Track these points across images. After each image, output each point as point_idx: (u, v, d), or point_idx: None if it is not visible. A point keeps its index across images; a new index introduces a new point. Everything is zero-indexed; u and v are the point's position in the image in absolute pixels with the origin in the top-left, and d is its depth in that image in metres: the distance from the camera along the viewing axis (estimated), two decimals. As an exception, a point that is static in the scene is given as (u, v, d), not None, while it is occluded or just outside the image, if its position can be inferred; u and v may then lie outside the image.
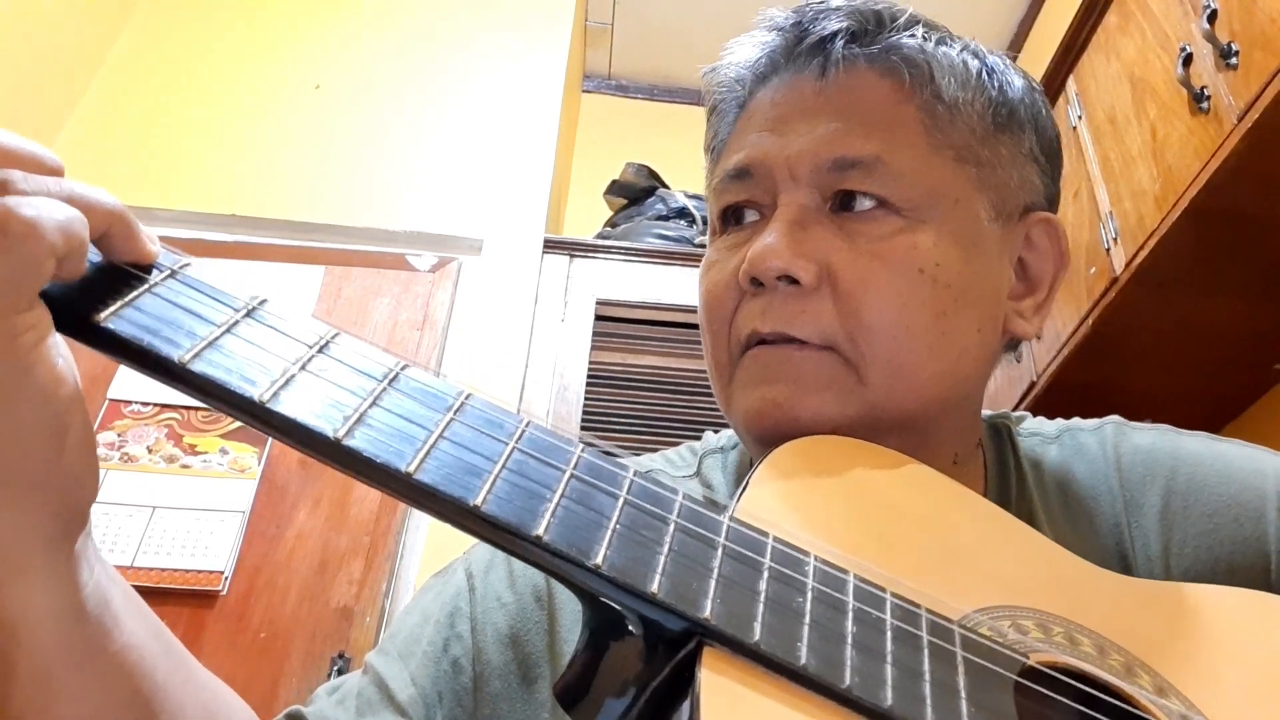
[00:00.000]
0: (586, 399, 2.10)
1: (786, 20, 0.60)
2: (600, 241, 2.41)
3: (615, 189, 2.62)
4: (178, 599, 1.75)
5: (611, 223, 2.59)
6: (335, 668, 1.73)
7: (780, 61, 0.60)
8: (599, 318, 2.22)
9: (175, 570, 1.77)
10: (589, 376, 2.13)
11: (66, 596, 0.39)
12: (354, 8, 2.65)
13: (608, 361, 2.17)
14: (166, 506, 1.84)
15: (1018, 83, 0.61)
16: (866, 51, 0.57)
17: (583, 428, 2.06)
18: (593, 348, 2.18)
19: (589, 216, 2.76)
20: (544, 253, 2.31)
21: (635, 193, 2.57)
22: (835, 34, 0.58)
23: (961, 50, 0.59)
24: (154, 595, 1.75)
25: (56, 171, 0.37)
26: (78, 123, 2.36)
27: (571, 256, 2.32)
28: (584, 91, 3.40)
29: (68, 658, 0.40)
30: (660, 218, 2.49)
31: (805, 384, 0.53)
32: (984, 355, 0.58)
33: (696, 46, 3.42)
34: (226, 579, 1.78)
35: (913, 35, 0.58)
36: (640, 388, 2.13)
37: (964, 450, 0.61)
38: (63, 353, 0.36)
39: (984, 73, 0.59)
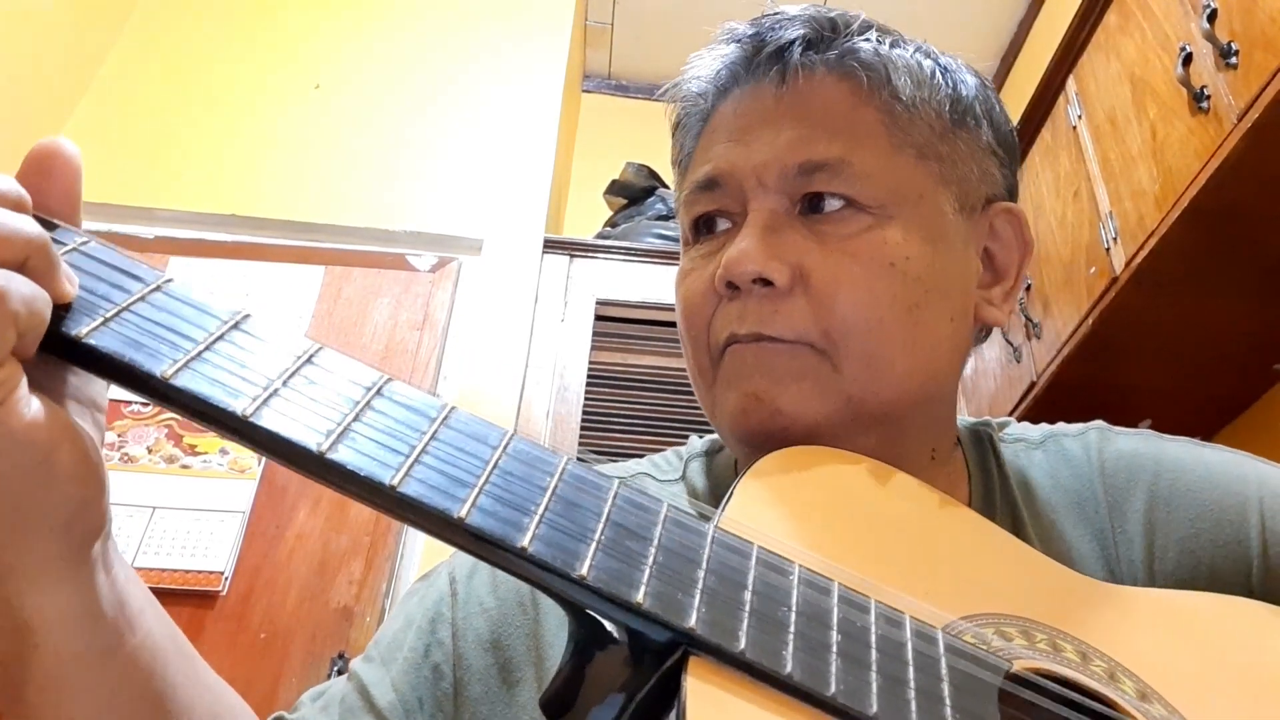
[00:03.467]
0: (586, 399, 2.10)
1: (745, 32, 0.62)
2: (600, 241, 2.41)
3: (615, 189, 2.62)
4: (178, 599, 1.75)
5: (611, 223, 2.59)
6: (335, 668, 1.74)
7: (740, 73, 0.61)
8: (599, 318, 2.22)
9: (175, 570, 1.77)
10: (589, 376, 2.13)
11: (82, 600, 0.40)
12: (354, 8, 2.66)
13: (608, 361, 2.17)
14: (166, 507, 1.84)
15: (970, 80, 0.62)
16: (824, 57, 0.59)
17: (583, 428, 2.06)
18: (593, 348, 2.18)
19: (589, 216, 2.76)
20: (544, 253, 2.31)
21: (635, 193, 2.57)
22: (792, 42, 0.59)
23: (915, 52, 0.61)
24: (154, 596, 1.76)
25: (15, 201, 0.36)
26: (78, 123, 2.37)
27: (571, 256, 2.32)
28: (584, 91, 3.40)
29: (82, 657, 0.41)
30: (660, 217, 2.49)
31: (781, 376, 0.54)
32: (957, 345, 0.59)
33: (696, 46, 3.41)
34: (226, 579, 1.78)
35: (868, 40, 0.60)
36: (640, 388, 2.13)
37: (941, 448, 0.61)
38: (37, 396, 0.36)
39: (938, 72, 0.61)
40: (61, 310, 0.35)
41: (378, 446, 0.35)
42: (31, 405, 0.35)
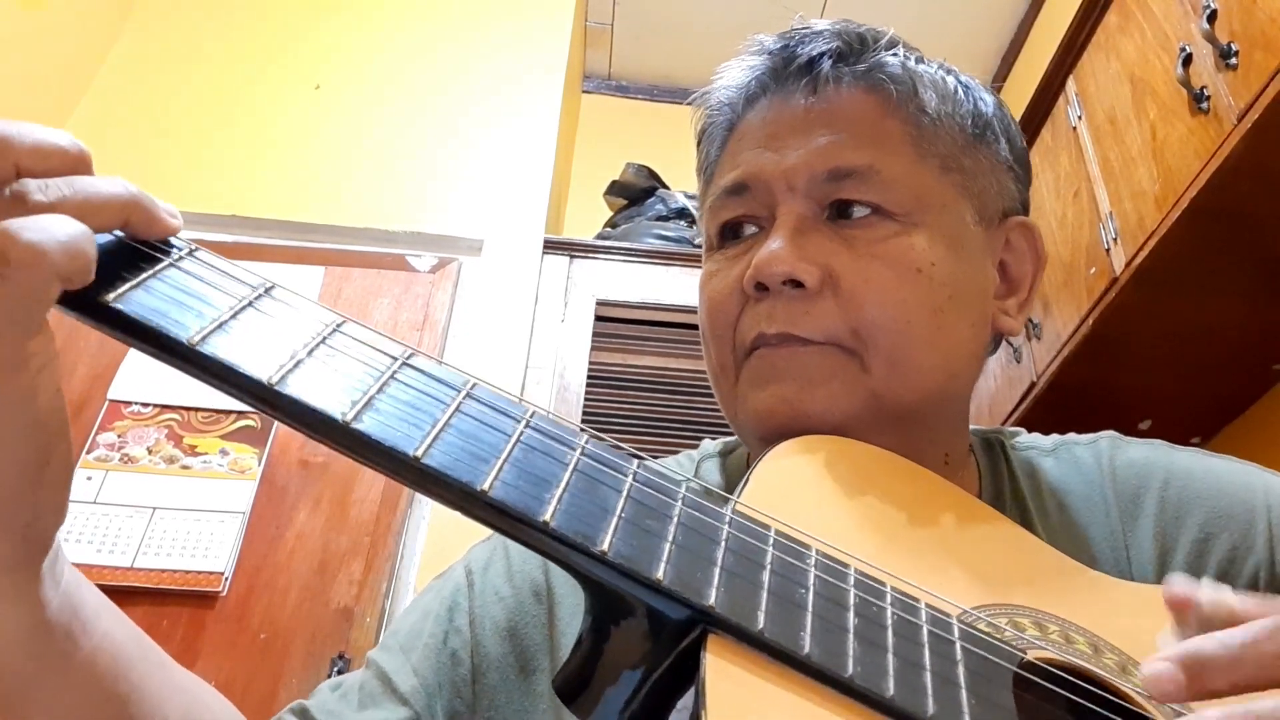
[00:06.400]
0: (586, 399, 2.10)
1: (774, 44, 0.63)
2: (600, 242, 2.41)
3: (615, 189, 2.62)
4: (178, 600, 1.75)
5: (611, 223, 2.59)
6: (335, 668, 1.73)
7: (769, 83, 0.62)
8: (599, 318, 2.22)
9: (175, 571, 1.77)
10: (589, 377, 2.14)
11: (32, 616, 0.39)
12: (354, 8, 2.66)
13: (608, 362, 2.17)
14: (166, 507, 1.84)
15: (989, 98, 0.64)
16: (853, 70, 0.60)
17: (582, 428, 2.06)
18: (593, 348, 2.18)
19: (589, 216, 2.77)
20: (544, 253, 2.31)
21: (635, 193, 2.57)
22: (823, 55, 0.61)
23: (938, 69, 0.63)
24: (154, 596, 1.75)
25: (75, 158, 0.36)
26: (78, 123, 2.37)
27: (571, 257, 2.32)
28: (584, 91, 3.40)
29: (37, 672, 0.40)
30: (660, 218, 2.49)
31: (812, 378, 0.55)
32: (975, 351, 0.61)
33: (696, 46, 3.44)
34: (226, 580, 1.78)
35: (895, 54, 0.61)
36: (640, 388, 2.13)
37: (955, 452, 0.62)
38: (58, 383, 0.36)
39: (959, 88, 0.62)
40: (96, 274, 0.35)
41: (402, 418, 0.35)
42: (56, 389, 0.35)
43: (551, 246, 2.33)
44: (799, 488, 0.47)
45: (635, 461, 0.39)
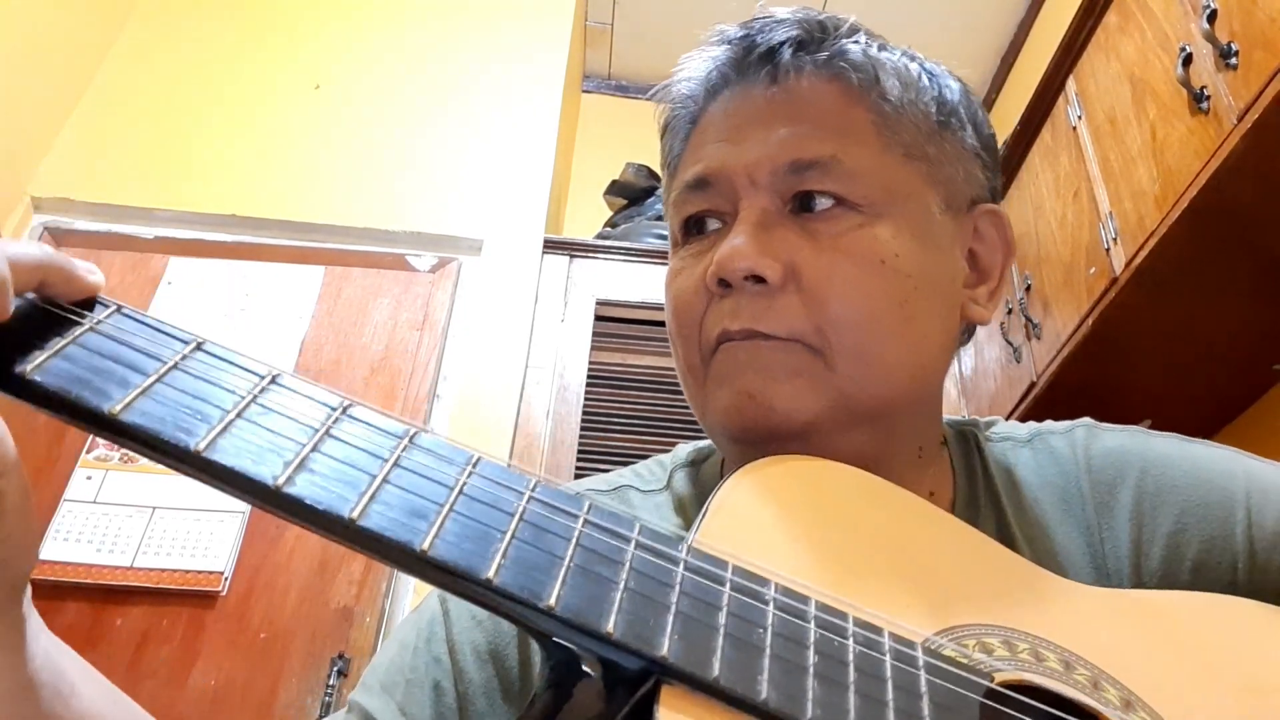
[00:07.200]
0: (586, 399, 2.11)
1: (735, 34, 0.62)
2: (600, 242, 2.40)
3: (615, 189, 2.62)
4: (178, 600, 1.76)
5: (611, 223, 2.59)
6: (335, 668, 1.74)
7: (730, 74, 0.61)
8: (599, 318, 2.22)
9: (175, 571, 1.78)
10: (589, 376, 2.14)
11: (16, 671, 0.38)
12: (354, 8, 2.65)
13: (607, 361, 2.17)
14: (166, 507, 1.84)
15: (955, 85, 0.63)
16: (814, 59, 0.59)
17: (582, 428, 2.07)
18: (592, 348, 2.18)
19: (589, 216, 2.76)
20: (544, 253, 2.31)
21: (635, 193, 2.57)
22: (783, 43, 0.60)
23: (901, 55, 0.62)
24: (154, 596, 1.76)
25: None
26: (77, 123, 2.37)
27: (571, 257, 2.32)
28: (584, 91, 3.40)
29: None
30: (660, 218, 2.48)
31: (775, 373, 0.54)
32: (945, 342, 0.60)
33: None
34: (226, 580, 1.79)
35: (856, 42, 0.60)
36: (640, 388, 2.13)
37: (927, 446, 0.62)
38: None
39: (923, 75, 0.61)
40: (10, 343, 0.34)
41: (336, 478, 0.34)
42: None
43: (551, 246, 2.33)
44: (758, 516, 0.46)
45: (586, 505, 0.38)
